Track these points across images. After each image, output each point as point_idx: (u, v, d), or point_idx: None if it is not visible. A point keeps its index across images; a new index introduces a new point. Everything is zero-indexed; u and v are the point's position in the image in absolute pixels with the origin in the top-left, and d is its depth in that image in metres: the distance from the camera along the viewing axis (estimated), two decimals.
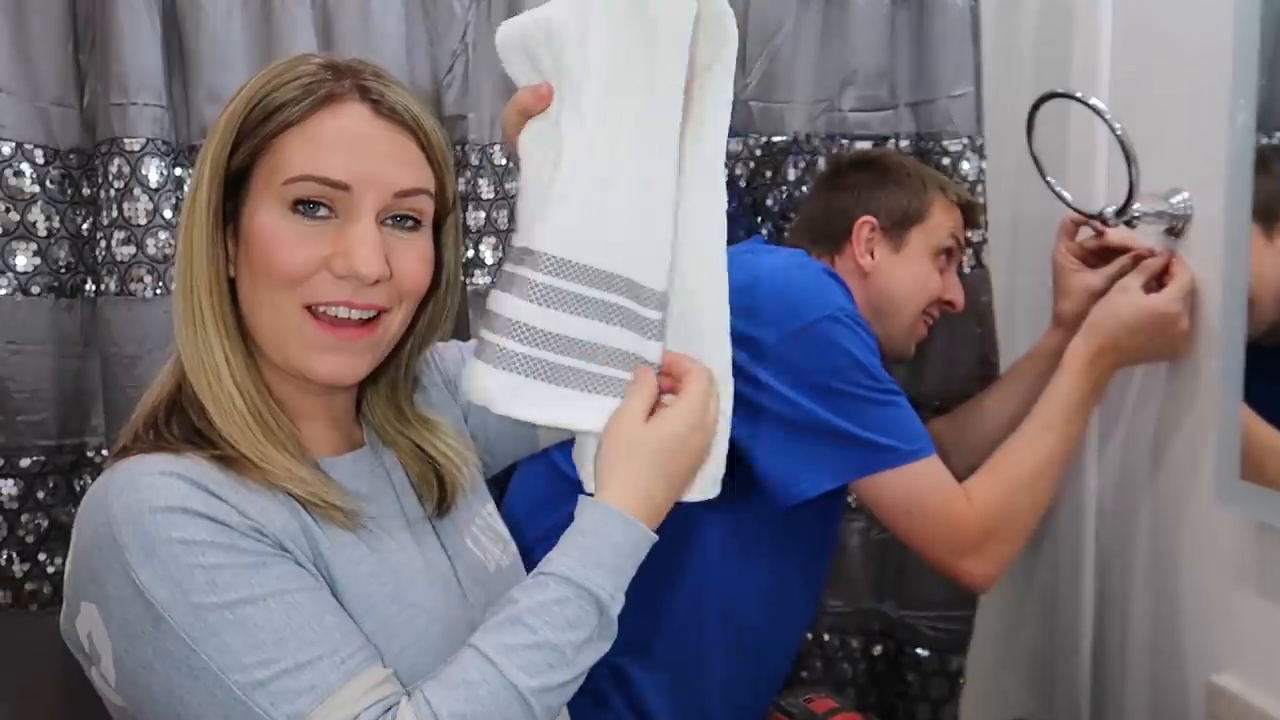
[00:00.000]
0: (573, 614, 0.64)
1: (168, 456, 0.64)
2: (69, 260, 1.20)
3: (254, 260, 0.67)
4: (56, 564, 1.20)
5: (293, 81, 0.67)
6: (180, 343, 0.69)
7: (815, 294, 0.99)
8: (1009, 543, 0.98)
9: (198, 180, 0.68)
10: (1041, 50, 1.36)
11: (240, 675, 0.58)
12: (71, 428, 1.21)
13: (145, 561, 0.59)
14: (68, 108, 1.20)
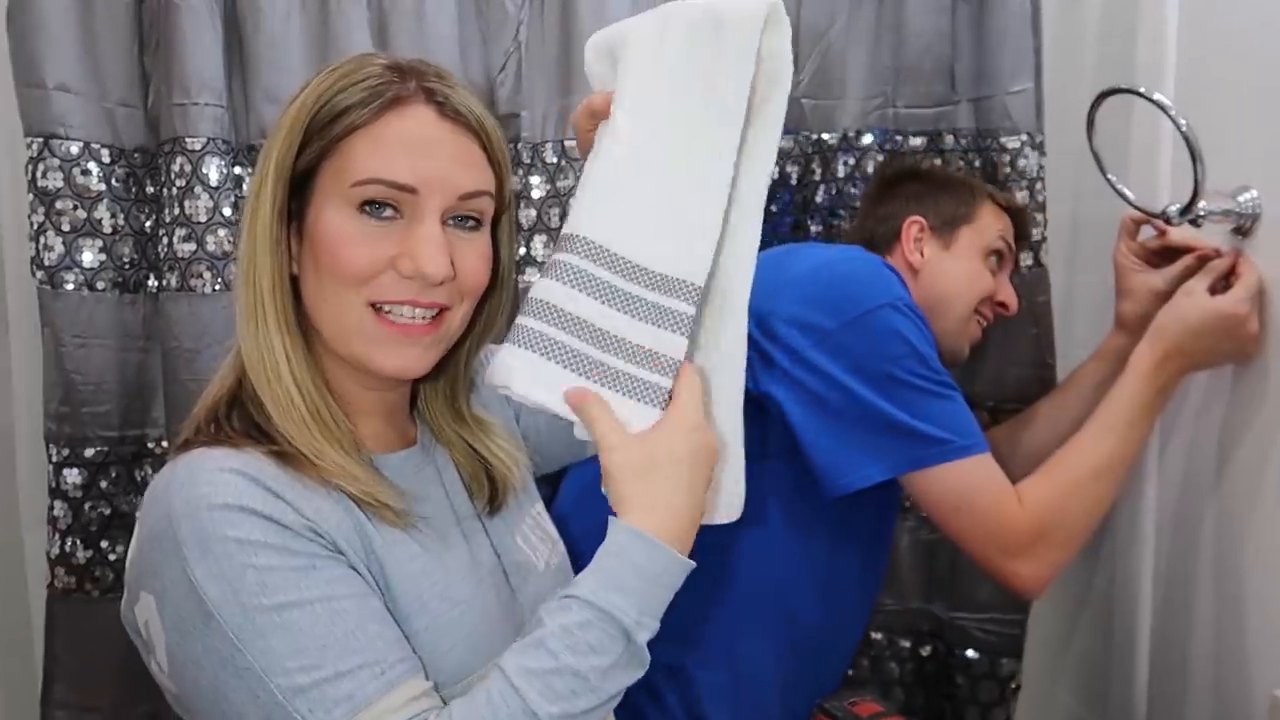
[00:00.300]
0: (595, 639, 0.62)
1: (227, 451, 0.65)
2: (132, 256, 1.24)
3: (320, 259, 0.68)
4: (118, 551, 1.23)
5: (359, 84, 0.68)
6: (241, 338, 0.70)
7: (875, 282, 0.98)
8: (1061, 547, 0.96)
9: (261, 178, 0.69)
10: (1105, 44, 1.32)
11: (282, 679, 0.59)
12: (133, 419, 1.24)
13: (201, 558, 0.60)
14: (133, 108, 1.24)
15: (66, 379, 1.20)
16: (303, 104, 0.69)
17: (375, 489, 0.68)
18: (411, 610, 0.67)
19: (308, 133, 0.67)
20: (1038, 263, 1.32)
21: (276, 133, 0.69)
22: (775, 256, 1.10)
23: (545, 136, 1.28)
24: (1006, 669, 1.38)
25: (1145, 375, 0.99)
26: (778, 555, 1.01)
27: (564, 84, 1.27)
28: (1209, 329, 0.98)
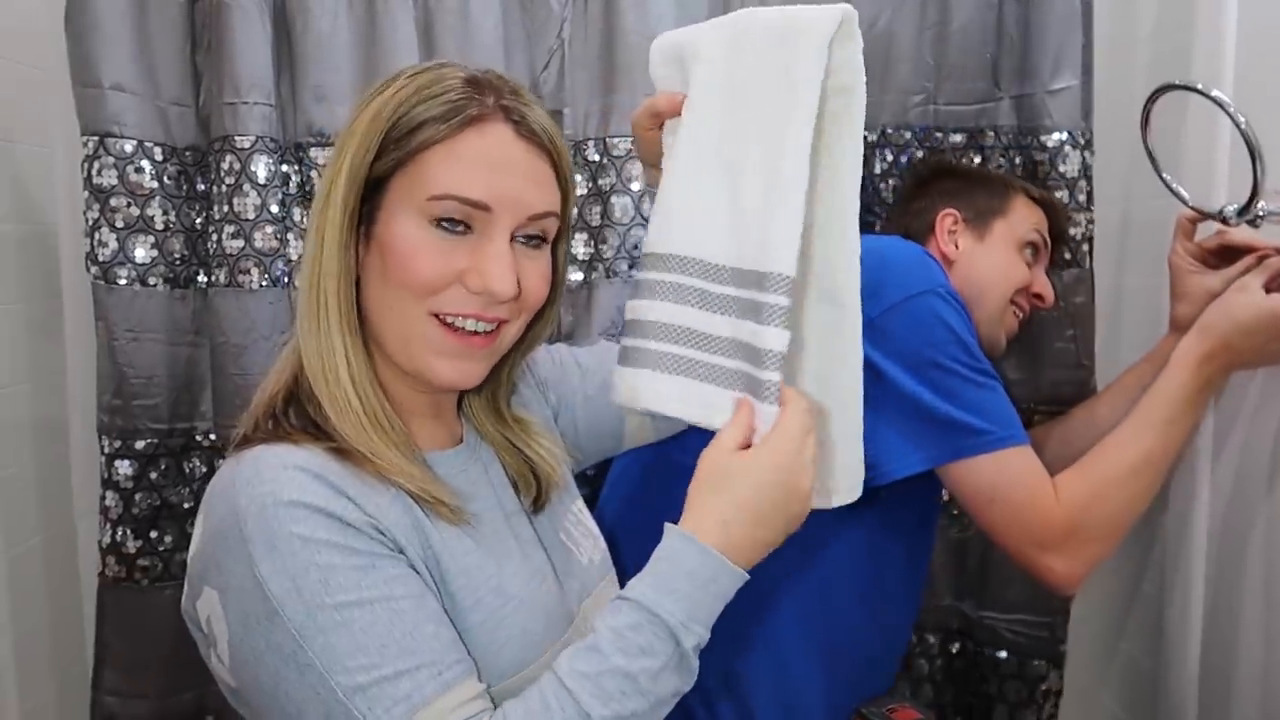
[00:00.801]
0: (645, 641, 0.63)
1: (289, 448, 0.66)
2: (183, 253, 1.26)
3: (390, 266, 0.68)
4: (166, 541, 1.26)
5: (438, 97, 0.69)
6: (301, 336, 0.71)
7: (917, 269, 0.97)
8: (1096, 542, 0.94)
9: (332, 178, 0.69)
10: (1159, 40, 1.29)
11: (343, 677, 0.60)
12: (182, 412, 1.27)
13: (266, 555, 0.61)
14: (184, 107, 1.26)
15: (118, 372, 1.22)
16: (378, 111, 0.69)
17: (431, 486, 0.69)
18: (467, 605, 0.68)
19: (385, 141, 0.68)
20: (1076, 263, 1.29)
21: (350, 136, 0.70)
22: None
23: (587, 134, 1.28)
24: (1036, 671, 1.36)
25: (1189, 369, 0.96)
26: (823, 553, 1.00)
27: (606, 82, 1.27)
28: (1260, 327, 0.95)
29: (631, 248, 1.28)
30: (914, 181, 1.25)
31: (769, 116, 0.71)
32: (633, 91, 1.26)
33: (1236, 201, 0.96)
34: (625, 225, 1.27)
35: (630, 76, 1.26)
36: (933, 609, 1.39)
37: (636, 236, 1.28)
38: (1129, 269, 1.35)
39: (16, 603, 1.28)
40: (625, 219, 1.27)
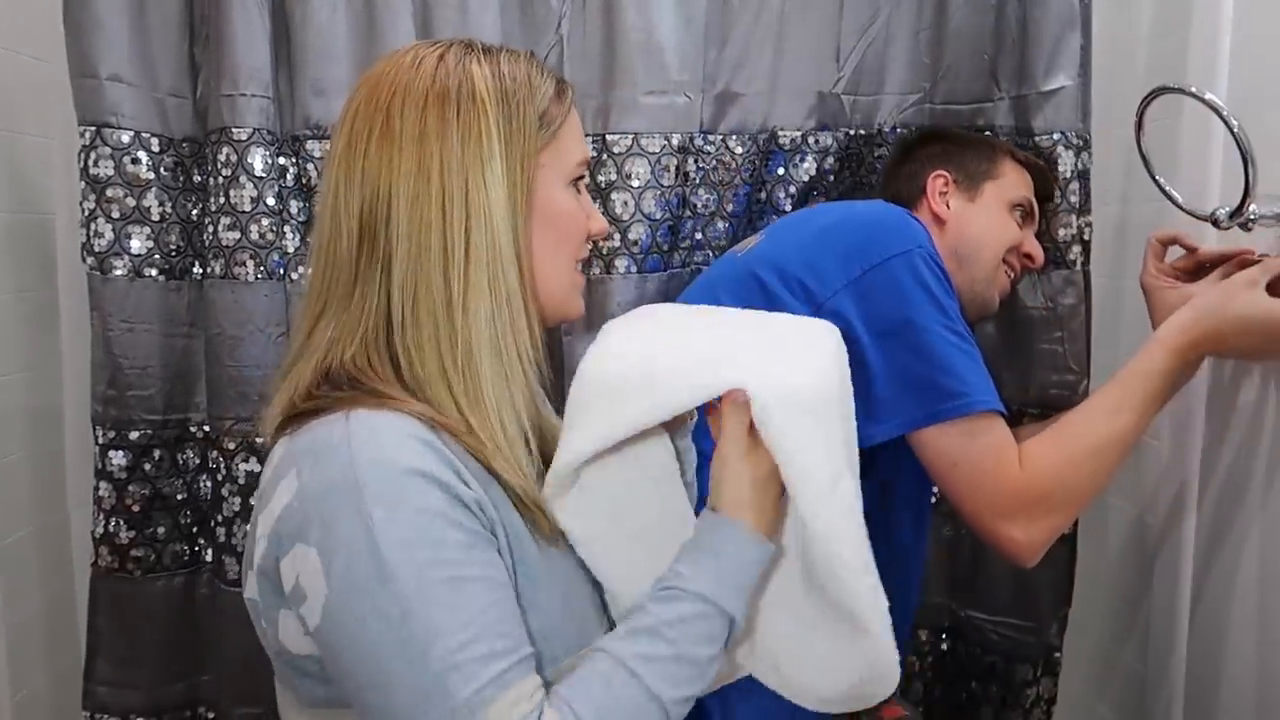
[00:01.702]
0: (709, 629, 0.66)
1: (396, 414, 0.66)
2: (179, 244, 1.26)
3: (560, 232, 0.75)
4: (159, 532, 1.26)
5: (541, 76, 0.75)
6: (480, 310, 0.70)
7: (898, 230, 0.98)
8: (1058, 513, 0.93)
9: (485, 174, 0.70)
10: (1156, 43, 1.30)
11: (442, 650, 0.60)
12: (176, 403, 1.27)
13: (388, 519, 0.61)
14: (182, 99, 1.26)
15: (113, 363, 1.22)
16: (507, 92, 0.72)
17: (536, 494, 0.71)
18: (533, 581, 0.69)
19: (531, 121, 0.72)
20: (1066, 265, 1.30)
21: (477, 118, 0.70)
22: (802, 215, 1.13)
23: (585, 130, 1.28)
24: (1020, 674, 1.36)
25: (1176, 354, 0.95)
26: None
27: (606, 79, 1.28)
28: (1259, 329, 0.93)
29: (631, 244, 1.28)
30: (901, 148, 1.26)
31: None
32: (632, 88, 1.27)
33: (1229, 205, 0.97)
34: (625, 222, 1.28)
35: (629, 74, 1.26)
36: (925, 606, 1.39)
37: (636, 233, 1.28)
38: (1127, 271, 1.35)
39: (9, 592, 1.28)
40: (626, 215, 1.28)
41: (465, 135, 0.70)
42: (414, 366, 0.69)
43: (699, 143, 1.30)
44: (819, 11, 1.30)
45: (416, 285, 0.69)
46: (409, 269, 0.69)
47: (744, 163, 1.32)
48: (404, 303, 0.69)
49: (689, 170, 1.30)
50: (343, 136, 0.72)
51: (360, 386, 0.68)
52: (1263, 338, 0.94)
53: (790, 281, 0.97)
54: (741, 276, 1.03)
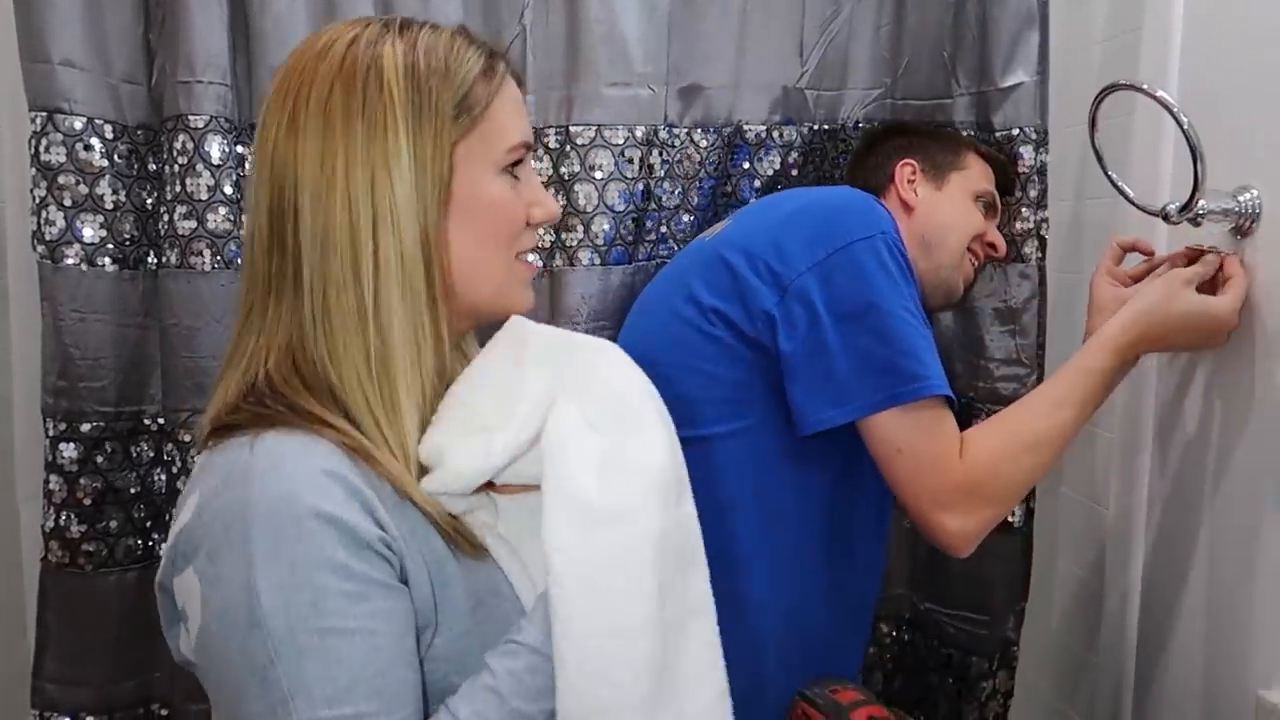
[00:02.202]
0: (542, 683, 0.63)
1: (309, 440, 0.63)
2: (133, 233, 1.24)
3: (485, 225, 0.70)
4: (111, 527, 1.24)
5: (468, 50, 0.70)
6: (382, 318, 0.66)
7: (862, 214, 0.99)
8: (991, 505, 0.95)
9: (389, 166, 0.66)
10: (1111, 42, 1.32)
11: (304, 705, 0.58)
12: (130, 395, 1.24)
13: (267, 563, 0.59)
14: (137, 85, 1.23)
15: (64, 353, 1.20)
16: (418, 77, 0.67)
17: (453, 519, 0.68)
18: (470, 604, 0.67)
19: (452, 106, 0.68)
20: (1021, 259, 1.32)
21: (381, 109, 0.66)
22: (770, 200, 1.14)
23: (548, 121, 1.28)
24: (976, 668, 1.38)
25: (1116, 353, 0.98)
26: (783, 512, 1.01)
27: (569, 69, 1.27)
28: (1194, 326, 0.98)
29: (594, 235, 1.28)
30: (867, 140, 1.28)
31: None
32: (595, 80, 1.26)
33: (1179, 200, 0.99)
34: (588, 213, 1.28)
35: (593, 65, 1.26)
36: (886, 598, 1.40)
37: (599, 224, 1.28)
38: (1084, 266, 1.38)
39: None
40: (589, 207, 1.27)
41: (370, 129, 0.66)
42: (330, 378, 0.66)
43: (663, 135, 1.30)
44: (782, 6, 1.32)
45: (325, 291, 0.66)
46: (317, 275, 0.66)
47: (708, 156, 1.33)
48: (315, 310, 0.66)
49: (654, 163, 1.30)
50: (258, 130, 0.70)
51: (282, 400, 0.66)
52: (1200, 333, 0.99)
53: (757, 264, 0.98)
54: (710, 261, 1.04)
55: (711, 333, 1.00)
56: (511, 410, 0.67)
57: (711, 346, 1.00)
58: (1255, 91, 0.98)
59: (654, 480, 0.66)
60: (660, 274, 1.19)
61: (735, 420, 1.00)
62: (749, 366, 0.98)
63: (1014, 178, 1.28)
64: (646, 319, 1.14)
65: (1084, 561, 1.37)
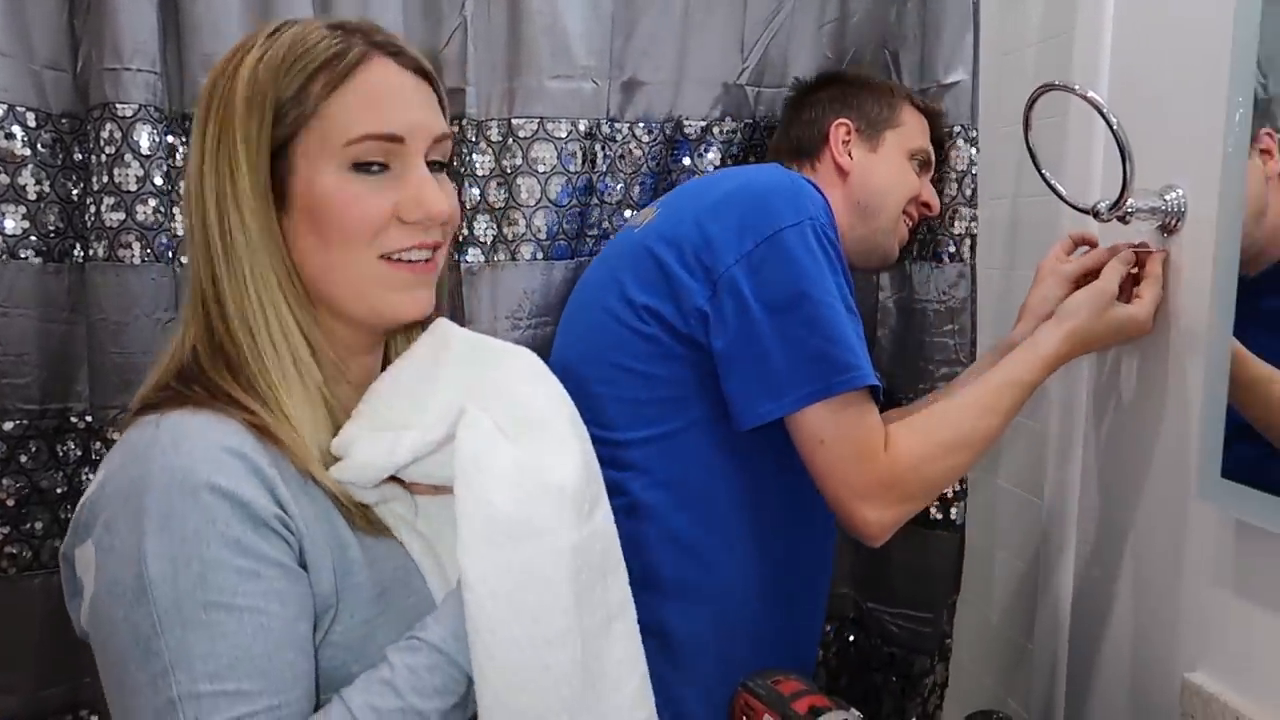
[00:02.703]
0: (440, 682, 0.64)
1: (213, 416, 0.65)
2: (58, 225, 1.20)
3: (328, 224, 0.68)
4: (37, 528, 1.19)
5: (316, 46, 0.69)
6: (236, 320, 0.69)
7: (789, 201, 0.97)
8: (910, 500, 0.96)
9: (231, 165, 0.68)
10: (1044, 44, 1.35)
11: (185, 678, 0.59)
12: (56, 392, 1.20)
13: (157, 532, 0.60)
14: (61, 71, 1.19)
15: None
16: (254, 77, 0.68)
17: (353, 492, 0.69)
18: (372, 595, 0.68)
19: (280, 104, 0.67)
20: (959, 258, 1.34)
21: (225, 108, 0.68)
22: (695, 186, 1.12)
23: (490, 114, 1.27)
24: (919, 665, 1.40)
25: (1049, 368, 1.01)
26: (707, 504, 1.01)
27: (511, 62, 1.26)
28: (1117, 333, 1.03)
29: (537, 230, 1.27)
30: (801, 91, 1.26)
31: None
32: (538, 73, 1.25)
33: (1109, 198, 1.01)
34: (531, 207, 1.27)
35: (535, 58, 1.25)
36: (831, 596, 1.41)
37: (541, 218, 1.27)
38: (1017, 264, 1.41)
39: None
40: (531, 201, 1.26)
41: (220, 133, 0.69)
42: (235, 361, 0.68)
43: (606, 130, 1.30)
44: (724, 3, 1.32)
45: (204, 288, 0.70)
46: (197, 272, 0.70)
47: (650, 151, 1.33)
48: (204, 303, 0.70)
49: (596, 157, 1.30)
50: None
51: (204, 380, 0.68)
52: (1122, 337, 1.04)
53: (687, 258, 0.97)
54: (639, 255, 1.02)
55: (645, 331, 0.99)
56: (423, 410, 0.68)
57: (646, 345, 0.99)
58: (1181, 94, 1.01)
59: (568, 495, 0.67)
60: (591, 267, 1.17)
61: (675, 419, 0.99)
62: (685, 363, 0.98)
63: (944, 130, 1.28)
64: (582, 317, 1.12)
65: (1020, 552, 1.40)
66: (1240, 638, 0.93)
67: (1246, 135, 0.86)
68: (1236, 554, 0.94)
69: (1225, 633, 0.95)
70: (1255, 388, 0.86)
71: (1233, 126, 0.88)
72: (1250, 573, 0.92)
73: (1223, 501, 0.90)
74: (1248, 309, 0.87)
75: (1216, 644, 0.96)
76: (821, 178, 1.16)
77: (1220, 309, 0.90)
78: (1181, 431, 1.02)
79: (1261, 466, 0.85)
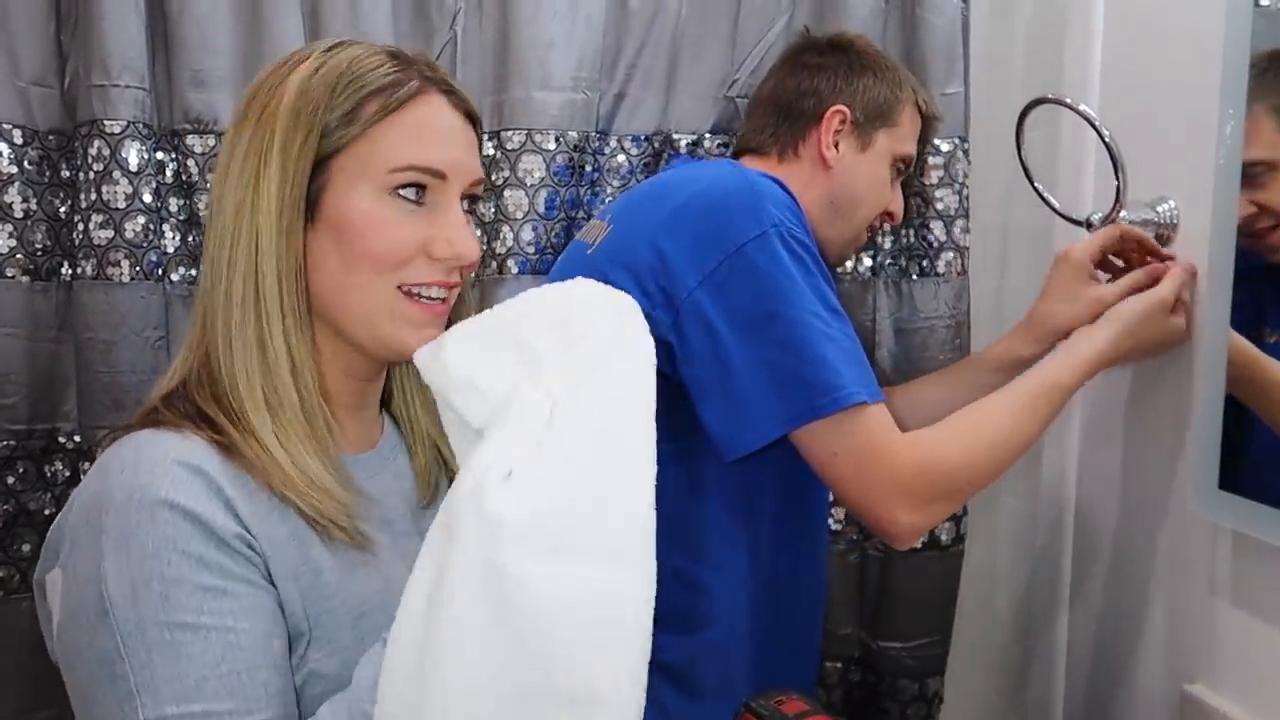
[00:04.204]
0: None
1: (175, 436, 0.64)
2: (45, 243, 1.19)
3: (353, 244, 0.67)
4: (24, 551, 1.18)
5: (374, 71, 0.68)
6: (221, 330, 0.68)
7: (751, 209, 0.89)
8: (940, 500, 0.90)
9: (258, 172, 0.67)
10: (1032, 55, 1.35)
11: (150, 700, 0.58)
12: (43, 413, 1.19)
13: (115, 551, 0.58)
14: (48, 88, 1.18)
15: None
16: (305, 89, 0.67)
17: (327, 506, 0.66)
18: (348, 620, 0.66)
19: (328, 122, 0.67)
20: (963, 272, 1.33)
21: (271, 119, 0.67)
22: (647, 193, 1.03)
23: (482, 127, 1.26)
24: (933, 687, 1.39)
25: (1087, 374, 0.96)
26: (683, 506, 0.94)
27: (500, 76, 1.26)
28: (1160, 342, 0.99)
29: (526, 243, 1.26)
30: (805, 48, 1.15)
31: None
32: (525, 85, 1.25)
33: (1102, 210, 1.01)
34: (519, 220, 1.26)
35: (524, 71, 1.24)
36: (834, 637, 1.37)
37: (529, 232, 1.26)
38: (1009, 275, 1.41)
39: None
40: (519, 214, 1.26)
41: (255, 137, 0.68)
42: (219, 380, 0.67)
43: (595, 142, 1.30)
44: (716, 17, 1.31)
45: (211, 293, 0.68)
46: (206, 278, 0.69)
47: (639, 164, 1.32)
48: (210, 314, 0.68)
49: (585, 169, 1.29)
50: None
51: (187, 404, 0.67)
52: (1168, 347, 1.00)
53: (645, 283, 0.89)
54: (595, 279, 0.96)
55: None
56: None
57: None
58: (1172, 105, 1.02)
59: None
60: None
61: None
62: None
63: (936, 134, 1.23)
64: None
65: (1017, 565, 1.40)
66: (1240, 650, 0.93)
67: (1238, 146, 0.86)
68: (1234, 566, 0.94)
69: (1225, 645, 0.95)
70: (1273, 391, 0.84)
71: (1224, 138, 0.88)
72: (1248, 585, 0.92)
73: (1219, 513, 0.90)
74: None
75: (1216, 656, 0.96)
76: (800, 166, 1.09)
77: (1214, 321, 0.90)
78: (1178, 443, 1.02)
79: (1258, 478, 0.85)
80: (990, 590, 1.46)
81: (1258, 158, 0.85)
